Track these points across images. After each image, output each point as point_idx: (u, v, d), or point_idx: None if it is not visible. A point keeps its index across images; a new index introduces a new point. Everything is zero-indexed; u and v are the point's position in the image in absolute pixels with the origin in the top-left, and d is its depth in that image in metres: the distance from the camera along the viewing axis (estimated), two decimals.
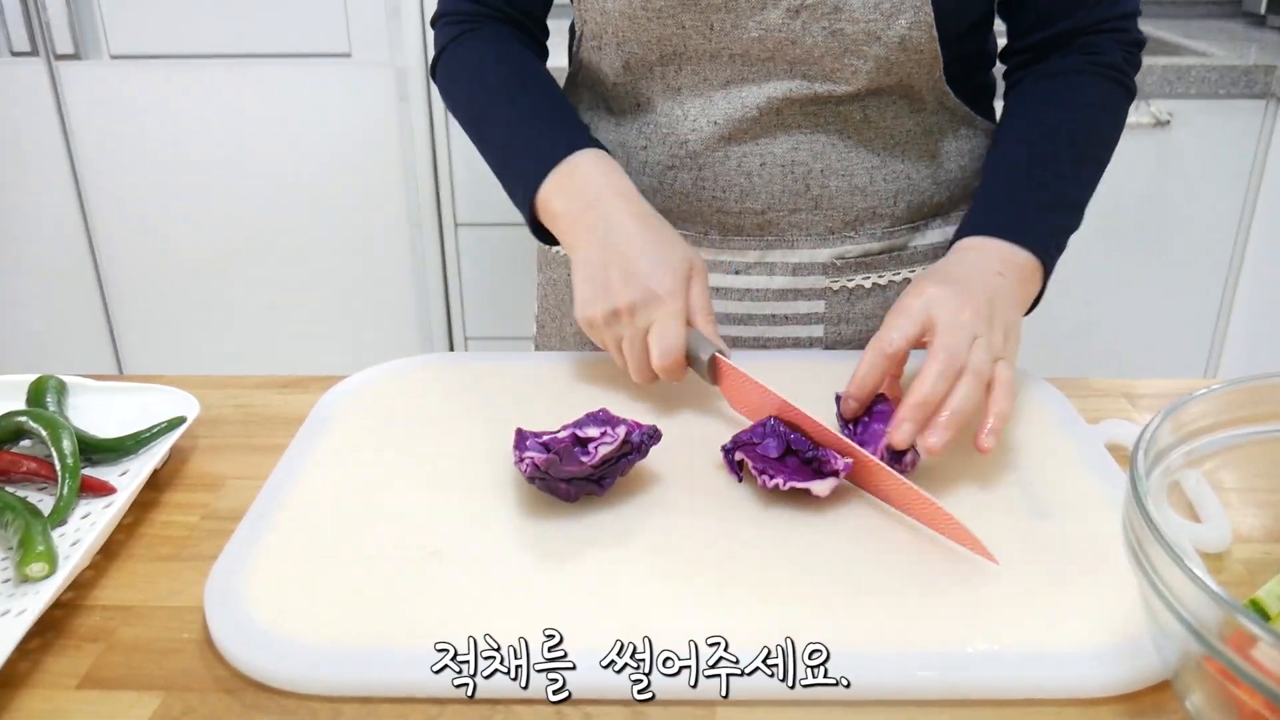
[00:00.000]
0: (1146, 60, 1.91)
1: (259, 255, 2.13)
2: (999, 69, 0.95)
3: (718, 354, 0.76)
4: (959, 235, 0.82)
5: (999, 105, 0.94)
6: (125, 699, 0.55)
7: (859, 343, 0.93)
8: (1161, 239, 2.02)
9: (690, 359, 0.77)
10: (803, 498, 0.68)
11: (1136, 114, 1.91)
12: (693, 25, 0.82)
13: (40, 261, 2.15)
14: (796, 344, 0.94)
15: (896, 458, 0.69)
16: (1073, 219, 0.86)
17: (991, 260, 0.78)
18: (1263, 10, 2.30)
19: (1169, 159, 1.95)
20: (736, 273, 0.92)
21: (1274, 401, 0.62)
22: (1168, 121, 1.91)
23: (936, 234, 0.94)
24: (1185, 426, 0.60)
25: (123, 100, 2.01)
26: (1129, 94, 0.90)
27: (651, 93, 0.88)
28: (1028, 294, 0.80)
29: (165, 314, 2.20)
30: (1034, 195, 0.84)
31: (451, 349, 2.22)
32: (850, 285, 0.92)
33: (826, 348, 0.94)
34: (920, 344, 0.73)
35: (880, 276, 0.92)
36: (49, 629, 0.60)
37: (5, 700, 0.55)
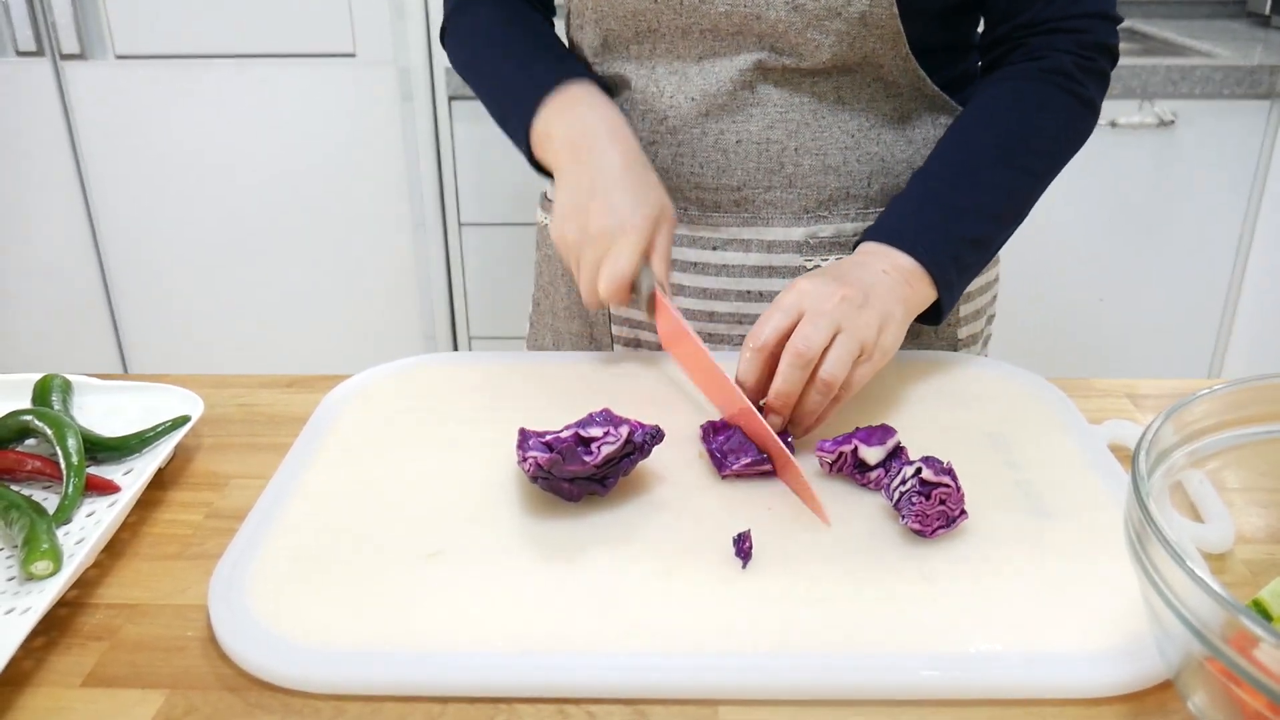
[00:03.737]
0: (1149, 61, 1.92)
1: (263, 254, 2.13)
2: None
3: (657, 288, 0.80)
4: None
5: None
6: (129, 697, 0.55)
7: None
8: (1166, 239, 2.02)
9: (634, 289, 0.81)
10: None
11: (1140, 114, 1.91)
12: (664, 1, 0.84)
13: (45, 260, 2.16)
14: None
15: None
16: (986, 229, 0.84)
17: (880, 261, 0.79)
18: (1267, 10, 2.30)
19: (1173, 159, 1.95)
20: (714, 248, 0.93)
21: (1277, 402, 0.62)
22: (1172, 122, 1.91)
23: None
24: (1188, 427, 0.60)
25: (128, 100, 2.02)
26: (1082, 102, 0.86)
27: (629, 69, 0.90)
28: (917, 296, 0.80)
29: (170, 313, 2.20)
30: (938, 204, 0.83)
31: (455, 348, 2.23)
32: (824, 264, 0.92)
33: None
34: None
35: None
36: (53, 627, 0.60)
37: (10, 698, 0.55)
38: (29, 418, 0.74)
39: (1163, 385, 0.88)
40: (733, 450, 0.71)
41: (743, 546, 0.63)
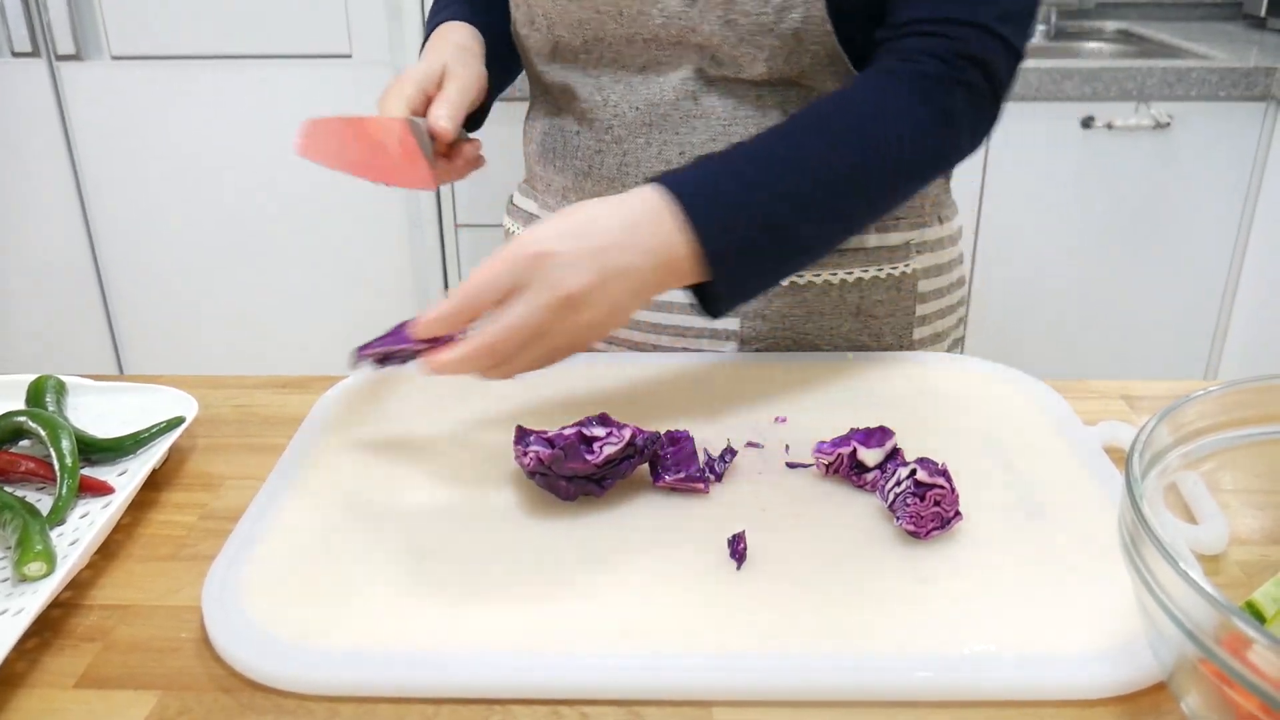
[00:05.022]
0: (1146, 63, 1.92)
1: (259, 255, 2.13)
2: None
3: (409, 119, 0.81)
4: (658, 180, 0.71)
5: None
6: (122, 698, 0.55)
7: (773, 340, 0.93)
8: (1162, 241, 2.02)
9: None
10: (799, 498, 0.68)
11: (1136, 115, 1.91)
12: (606, 10, 0.84)
13: (41, 261, 2.16)
14: (714, 335, 0.94)
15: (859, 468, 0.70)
16: (790, 216, 0.71)
17: (646, 235, 0.67)
18: (1263, 12, 2.30)
19: (1169, 161, 1.95)
20: None
21: (1272, 403, 0.62)
22: (1168, 124, 1.91)
23: (853, 236, 0.91)
24: (1183, 428, 0.60)
25: (123, 101, 2.01)
26: (941, 111, 0.75)
27: (576, 77, 0.90)
28: (674, 278, 0.69)
29: (166, 314, 2.20)
30: (741, 177, 0.71)
31: None
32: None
33: (742, 342, 0.94)
34: None
35: (799, 276, 0.91)
36: (46, 628, 0.60)
37: (2, 699, 0.55)
38: (23, 419, 0.74)
39: (1158, 387, 0.88)
40: (675, 464, 0.70)
41: (737, 548, 0.63)
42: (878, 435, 0.70)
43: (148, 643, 0.59)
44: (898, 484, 0.65)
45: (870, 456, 0.69)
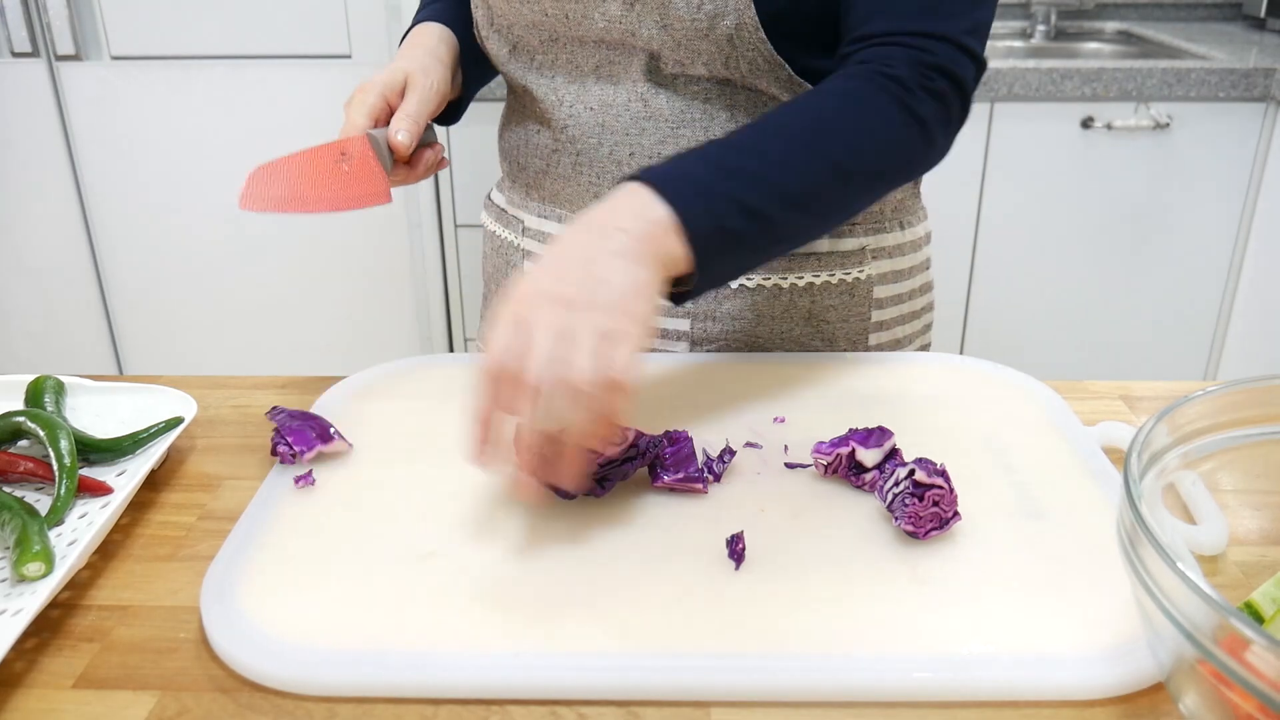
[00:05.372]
0: (1145, 64, 1.92)
1: (259, 256, 2.13)
2: None
3: (369, 134, 0.84)
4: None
5: None
6: (121, 699, 0.55)
7: (724, 341, 0.93)
8: (1161, 242, 2.02)
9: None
10: (798, 498, 0.68)
11: (1136, 116, 1.91)
12: (553, 13, 0.85)
13: (41, 262, 2.16)
14: (664, 335, 0.94)
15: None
16: (765, 202, 0.70)
17: (624, 219, 0.66)
18: (1263, 13, 2.30)
19: (1169, 162, 1.95)
20: None
21: (1271, 403, 0.62)
22: (1167, 124, 1.91)
23: (822, 235, 0.91)
24: (1181, 428, 0.60)
25: (123, 101, 2.01)
26: (912, 115, 0.75)
27: (533, 78, 0.91)
28: (664, 254, 0.66)
29: (165, 315, 2.20)
30: (716, 163, 0.71)
31: (451, 350, 2.23)
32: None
33: (693, 343, 0.94)
34: None
35: (748, 279, 0.91)
36: (45, 629, 0.60)
37: (1, 700, 0.55)
38: (21, 419, 0.74)
39: (1157, 387, 0.88)
40: (674, 464, 0.70)
41: (736, 548, 0.63)
42: (876, 435, 0.70)
43: (146, 643, 0.59)
44: (896, 484, 0.65)
45: (869, 457, 0.69)
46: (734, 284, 0.91)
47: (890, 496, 0.66)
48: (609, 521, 0.67)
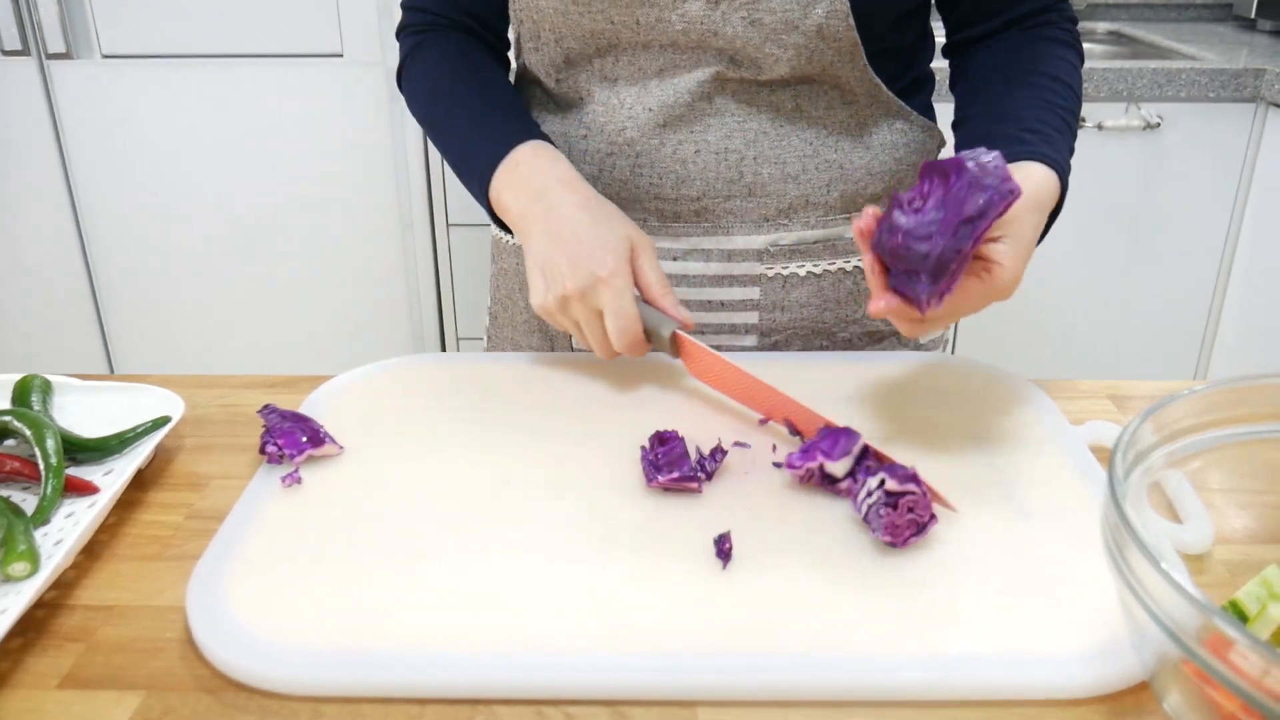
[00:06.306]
0: (1136, 64, 1.93)
1: (251, 255, 2.13)
2: (940, 65, 0.95)
3: (678, 331, 0.79)
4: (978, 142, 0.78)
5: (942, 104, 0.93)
6: (106, 699, 0.55)
7: (793, 331, 0.94)
8: (1151, 242, 2.02)
9: (650, 335, 0.79)
10: (785, 498, 0.69)
11: (1126, 116, 1.92)
12: (620, 20, 0.84)
13: (31, 260, 2.15)
14: (732, 330, 0.95)
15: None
16: (1069, 135, 0.85)
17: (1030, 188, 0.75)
18: (1253, 14, 2.31)
19: (1158, 162, 1.96)
20: (674, 259, 0.93)
21: (1256, 402, 0.62)
22: (1158, 124, 1.91)
23: None
24: (1167, 427, 0.60)
25: (114, 100, 2.01)
26: (1081, 59, 0.92)
27: (590, 84, 0.90)
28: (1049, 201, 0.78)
29: (157, 314, 2.19)
30: (1041, 118, 0.83)
31: (444, 349, 2.22)
32: (785, 273, 0.93)
33: (761, 335, 0.95)
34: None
35: (815, 265, 0.93)
36: (30, 628, 0.60)
37: None
38: (8, 418, 0.74)
39: (1145, 387, 0.88)
40: (667, 464, 0.70)
41: (723, 547, 0.63)
42: (842, 441, 0.69)
43: (132, 643, 0.59)
44: (869, 495, 0.65)
45: (838, 468, 0.68)
46: (801, 271, 0.93)
47: (865, 509, 0.65)
48: (595, 521, 0.67)
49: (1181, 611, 0.44)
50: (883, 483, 0.64)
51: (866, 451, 0.69)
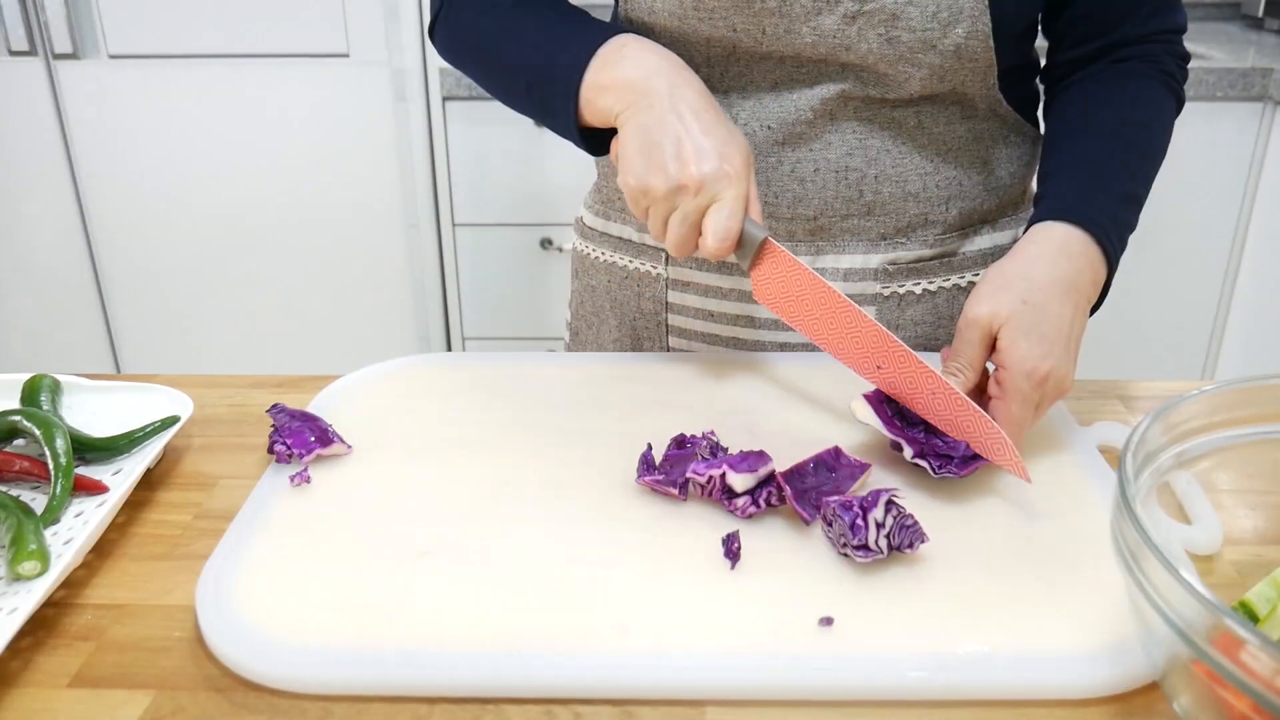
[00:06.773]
0: None
1: (256, 255, 2.13)
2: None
3: (769, 238, 0.76)
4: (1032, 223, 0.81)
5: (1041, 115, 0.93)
6: (116, 697, 0.55)
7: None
8: (1158, 241, 2.02)
9: (741, 240, 0.75)
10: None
11: None
12: (744, 28, 0.81)
13: (38, 260, 2.16)
14: None
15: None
16: (1134, 215, 0.85)
17: (1059, 259, 0.78)
18: (1261, 13, 2.30)
19: (1166, 160, 1.95)
20: None
21: (1266, 403, 0.62)
22: None
23: (986, 240, 0.93)
24: (1176, 428, 0.60)
25: (121, 100, 2.01)
26: (1179, 104, 0.89)
27: None
28: (1094, 284, 0.81)
29: (163, 313, 2.20)
30: (1106, 187, 0.82)
31: (449, 349, 2.23)
32: (901, 291, 0.91)
33: None
34: None
35: (931, 283, 0.91)
36: (40, 627, 0.60)
37: None
38: (17, 418, 0.74)
39: (1154, 387, 0.88)
40: (663, 467, 0.70)
41: (731, 547, 0.63)
42: (751, 460, 0.67)
43: (141, 642, 0.59)
44: (844, 546, 0.62)
45: (739, 481, 0.66)
46: (918, 289, 0.91)
47: (850, 552, 0.63)
48: (604, 521, 0.67)
49: (1192, 612, 0.44)
50: (848, 536, 0.62)
51: (772, 477, 0.67)
